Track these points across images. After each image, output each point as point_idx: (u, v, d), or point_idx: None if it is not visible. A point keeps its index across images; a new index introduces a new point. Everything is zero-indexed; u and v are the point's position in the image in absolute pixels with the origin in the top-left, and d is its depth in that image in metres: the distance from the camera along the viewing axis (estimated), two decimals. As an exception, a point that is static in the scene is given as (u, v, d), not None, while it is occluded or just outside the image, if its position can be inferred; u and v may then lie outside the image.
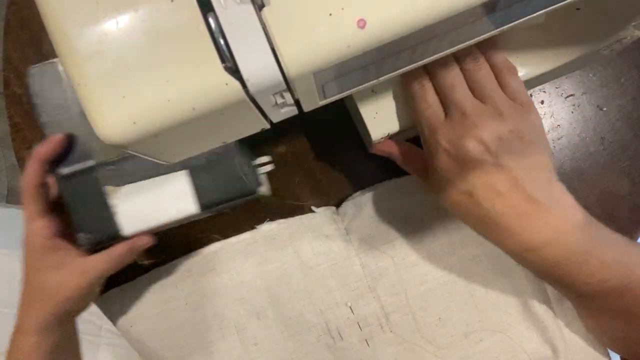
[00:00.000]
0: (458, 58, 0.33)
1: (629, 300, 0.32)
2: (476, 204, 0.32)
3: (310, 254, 0.45)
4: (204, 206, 0.39)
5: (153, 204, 0.39)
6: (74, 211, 0.39)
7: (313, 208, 0.47)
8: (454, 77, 0.33)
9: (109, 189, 0.39)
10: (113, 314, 0.47)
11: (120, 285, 0.47)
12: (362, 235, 0.45)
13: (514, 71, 0.34)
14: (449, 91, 0.32)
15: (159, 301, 0.46)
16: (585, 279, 0.32)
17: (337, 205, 0.48)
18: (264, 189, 0.43)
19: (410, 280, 0.43)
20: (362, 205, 0.46)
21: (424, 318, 0.43)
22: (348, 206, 0.46)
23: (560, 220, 0.31)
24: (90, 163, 0.39)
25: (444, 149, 0.32)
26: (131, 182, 0.39)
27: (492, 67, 0.34)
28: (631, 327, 0.33)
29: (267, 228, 0.46)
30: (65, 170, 0.39)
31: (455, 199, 0.34)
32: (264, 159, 0.45)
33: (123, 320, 0.47)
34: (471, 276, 0.43)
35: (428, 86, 0.34)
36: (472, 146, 0.31)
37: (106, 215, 0.39)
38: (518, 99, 0.33)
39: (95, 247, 0.39)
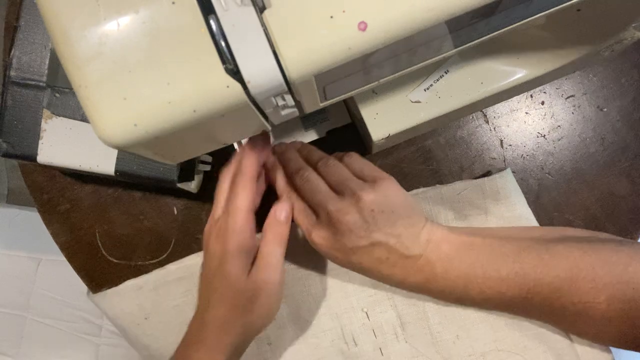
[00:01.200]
0: (313, 165, 0.39)
1: (539, 301, 0.36)
2: (367, 271, 0.39)
3: (325, 259, 0.45)
4: (119, 172, 0.41)
5: (77, 147, 0.40)
6: (8, 117, 0.40)
7: None
8: (312, 183, 0.37)
9: (46, 112, 0.40)
10: (127, 306, 0.46)
11: (136, 277, 0.47)
12: None
13: (354, 156, 0.40)
14: (311, 197, 0.37)
15: (176, 294, 0.46)
16: (478, 296, 0.37)
17: None
18: (192, 186, 0.44)
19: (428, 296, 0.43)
20: None
21: (441, 334, 0.42)
22: None
23: (430, 260, 0.37)
24: (42, 81, 0.40)
25: (323, 245, 0.37)
26: (69, 117, 0.40)
27: (340, 161, 0.39)
28: (564, 322, 0.38)
29: None
30: (15, 75, 0.40)
31: (351, 268, 0.39)
32: (206, 157, 0.46)
33: (137, 312, 0.46)
34: None
35: (295, 197, 0.39)
36: (346, 239, 0.36)
37: (33, 135, 0.40)
38: (369, 177, 0.37)
39: (4, 156, 0.41)
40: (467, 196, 0.45)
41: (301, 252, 0.45)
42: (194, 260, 0.46)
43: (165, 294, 0.46)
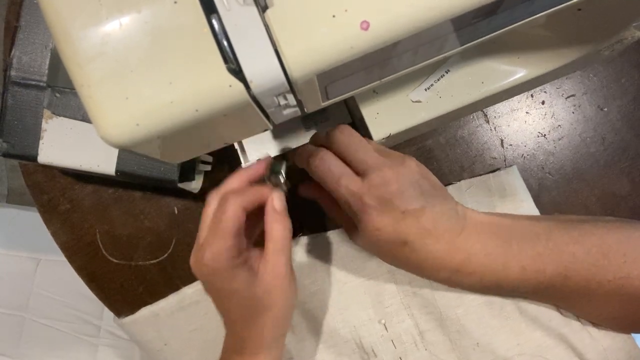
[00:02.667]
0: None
1: (577, 281, 0.35)
2: (411, 249, 0.35)
3: (343, 270, 0.45)
4: (120, 172, 0.41)
5: (78, 147, 0.40)
6: (8, 117, 0.40)
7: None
8: (357, 141, 0.35)
9: (46, 112, 0.40)
10: (145, 334, 0.46)
11: (153, 304, 0.46)
12: None
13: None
14: (358, 155, 0.34)
15: (194, 318, 0.45)
16: (517, 276, 0.36)
17: None
18: (192, 185, 0.44)
19: (445, 304, 0.42)
20: None
21: (459, 341, 0.42)
22: None
23: (468, 237, 0.35)
24: (42, 80, 0.40)
25: (374, 208, 0.34)
26: (69, 117, 0.40)
27: None
28: (599, 306, 0.37)
29: (301, 243, 0.46)
30: (16, 75, 0.40)
31: (390, 253, 0.37)
32: (207, 157, 0.46)
33: (157, 339, 0.46)
34: (504, 298, 0.42)
35: (328, 155, 0.35)
36: (399, 200, 0.33)
37: (33, 135, 0.40)
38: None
39: (4, 156, 0.40)
40: (473, 193, 0.44)
41: (316, 267, 0.45)
42: None
43: (183, 319, 0.46)
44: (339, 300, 0.44)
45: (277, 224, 0.34)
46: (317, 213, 0.45)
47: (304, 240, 0.46)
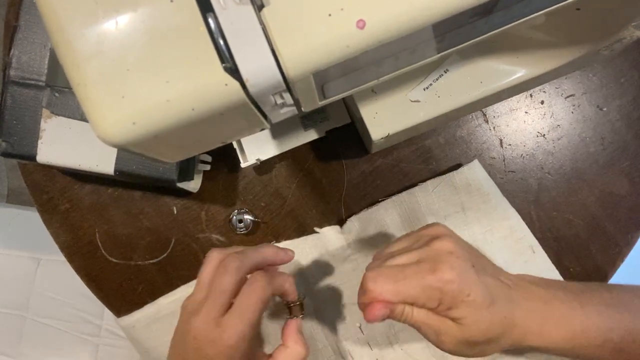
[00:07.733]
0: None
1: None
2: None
3: (317, 275, 0.45)
4: (119, 172, 0.41)
5: (77, 146, 0.40)
6: (7, 116, 0.40)
7: (315, 229, 0.47)
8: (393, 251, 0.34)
9: (45, 112, 0.40)
10: (129, 338, 0.47)
11: (130, 314, 0.47)
12: (368, 255, 0.45)
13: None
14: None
15: (170, 329, 0.44)
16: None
17: (341, 223, 0.47)
18: (192, 185, 0.44)
19: None
20: (367, 223, 0.45)
21: None
22: (353, 223, 0.46)
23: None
24: (41, 80, 0.40)
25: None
26: (68, 117, 0.40)
27: None
28: None
29: None
30: (15, 74, 0.40)
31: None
32: (206, 157, 0.46)
33: (137, 345, 0.47)
34: None
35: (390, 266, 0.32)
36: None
37: (32, 134, 0.40)
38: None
39: (3, 156, 0.40)
40: (441, 193, 0.45)
41: (291, 273, 0.45)
42: (186, 292, 0.46)
43: (159, 330, 0.46)
44: (314, 305, 0.44)
45: (299, 346, 0.34)
46: (282, 198, 0.46)
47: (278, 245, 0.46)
